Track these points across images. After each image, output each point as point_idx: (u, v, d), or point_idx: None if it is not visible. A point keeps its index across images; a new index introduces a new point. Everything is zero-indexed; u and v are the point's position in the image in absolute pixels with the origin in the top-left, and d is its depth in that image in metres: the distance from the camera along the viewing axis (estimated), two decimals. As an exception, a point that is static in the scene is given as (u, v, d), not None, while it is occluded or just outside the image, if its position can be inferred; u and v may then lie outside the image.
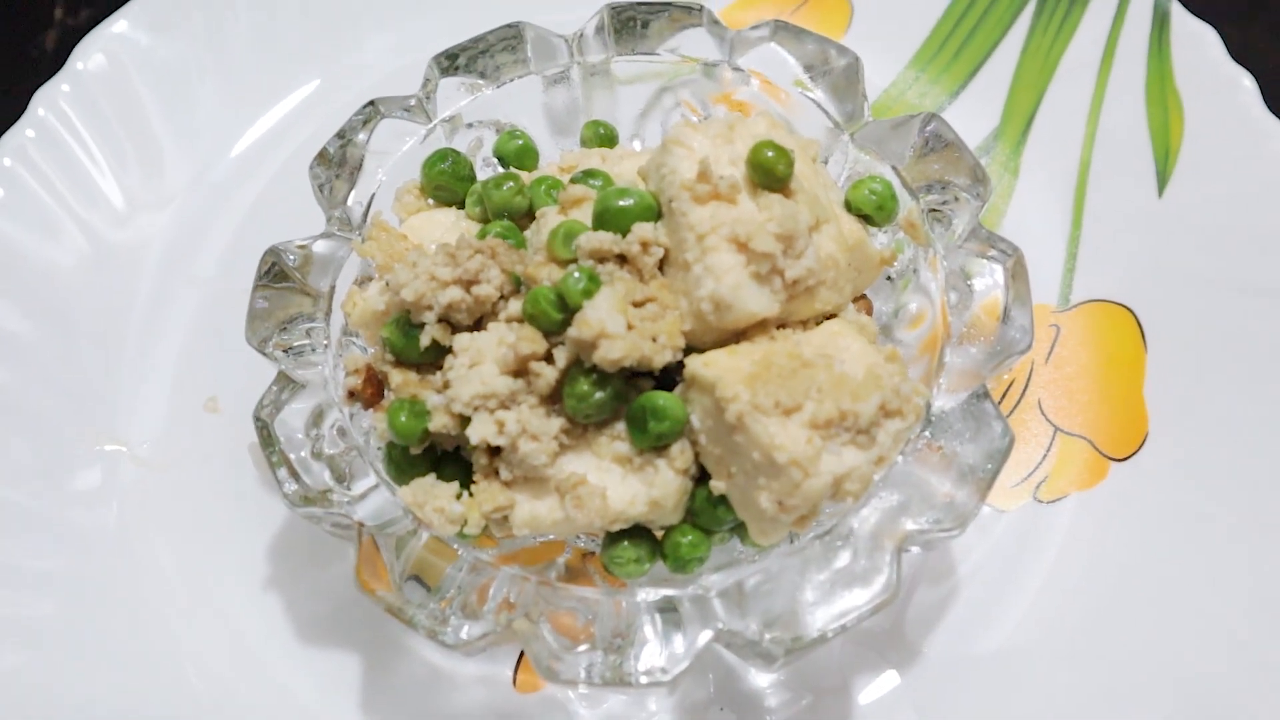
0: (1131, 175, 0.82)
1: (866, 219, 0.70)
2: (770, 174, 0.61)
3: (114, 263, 0.83)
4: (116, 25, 0.89)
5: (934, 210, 0.70)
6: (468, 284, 0.62)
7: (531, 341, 0.60)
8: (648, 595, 0.62)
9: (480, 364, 0.61)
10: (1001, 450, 0.61)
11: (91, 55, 0.87)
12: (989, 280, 0.68)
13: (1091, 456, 0.74)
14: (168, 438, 0.78)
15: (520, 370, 0.61)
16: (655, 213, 0.63)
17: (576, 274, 0.60)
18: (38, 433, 0.77)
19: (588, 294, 0.59)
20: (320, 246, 0.71)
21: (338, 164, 0.73)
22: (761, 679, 0.69)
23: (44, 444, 0.76)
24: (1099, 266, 0.80)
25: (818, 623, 0.59)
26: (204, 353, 0.81)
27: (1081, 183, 0.83)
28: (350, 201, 0.72)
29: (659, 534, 0.64)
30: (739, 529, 0.64)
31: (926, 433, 0.63)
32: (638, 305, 0.60)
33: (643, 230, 0.61)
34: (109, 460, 0.77)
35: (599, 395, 0.60)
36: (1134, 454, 0.74)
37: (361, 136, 0.74)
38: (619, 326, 0.58)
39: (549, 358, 0.61)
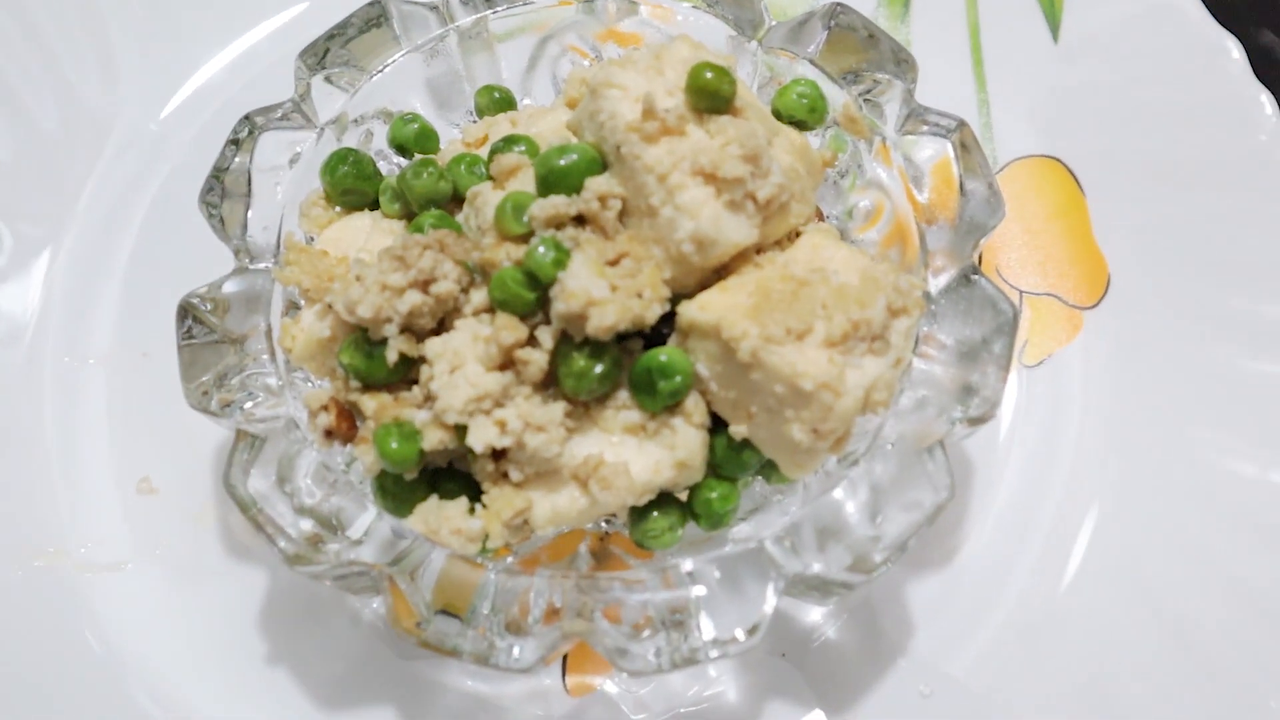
0: (1022, 27, 0.81)
1: (799, 124, 0.67)
2: (716, 96, 0.57)
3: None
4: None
5: (865, 99, 0.68)
6: (424, 285, 0.56)
7: (512, 329, 0.55)
8: (693, 562, 0.59)
9: (461, 366, 0.56)
10: (1009, 322, 0.60)
11: None
12: (934, 156, 0.66)
13: (1063, 311, 0.74)
14: (107, 534, 0.70)
15: (505, 363, 0.56)
16: (601, 165, 0.58)
17: (541, 247, 0.55)
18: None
19: (559, 264, 0.55)
20: (232, 285, 0.64)
21: (226, 193, 0.66)
22: (814, 615, 0.67)
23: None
24: (1014, 125, 0.80)
25: (881, 543, 0.57)
26: (122, 433, 0.73)
27: (975, 45, 0.82)
28: (251, 230, 0.66)
29: (682, 496, 0.61)
30: (764, 469, 0.61)
31: (925, 325, 0.61)
32: (612, 264, 0.56)
33: (597, 185, 0.56)
34: (46, 577, 0.68)
35: (599, 368, 0.56)
36: (1102, 299, 0.74)
37: (240, 159, 0.67)
38: (604, 291, 0.54)
39: (531, 341, 0.56)
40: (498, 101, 0.71)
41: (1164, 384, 0.71)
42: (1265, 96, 0.75)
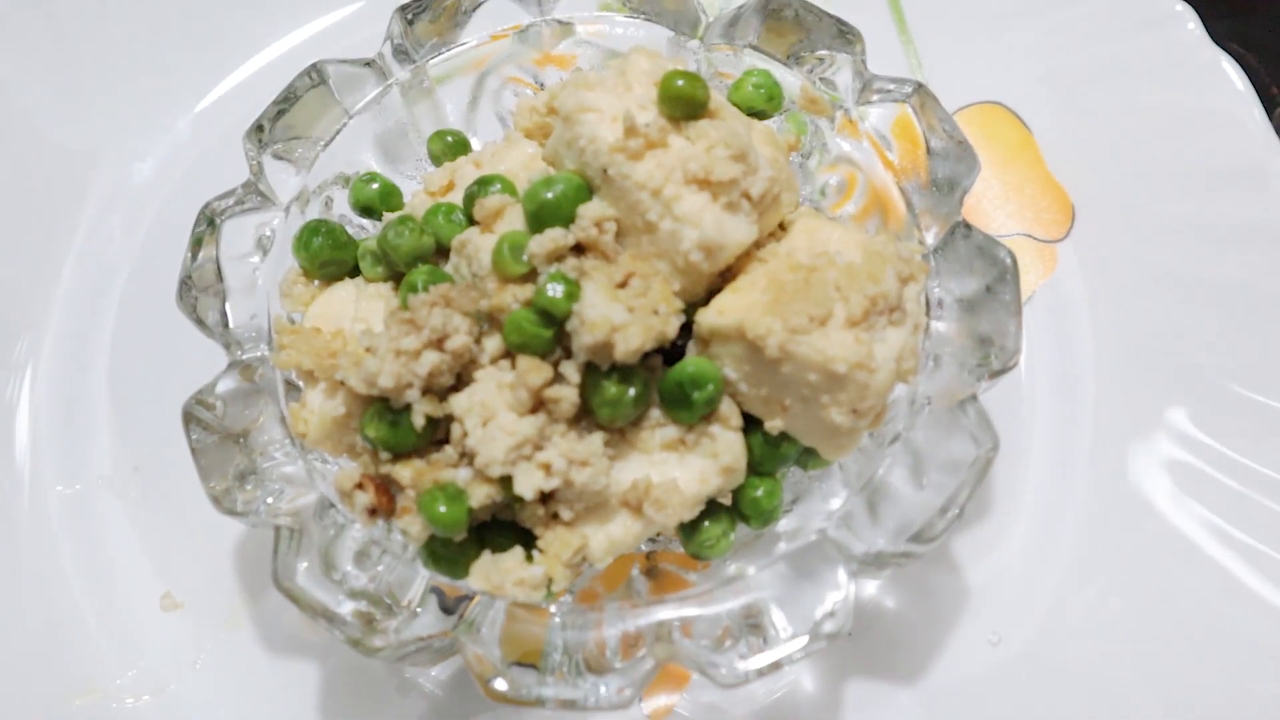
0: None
1: (757, 114, 0.67)
2: (691, 102, 0.57)
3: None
4: None
5: (815, 78, 0.68)
6: (438, 343, 0.55)
7: (536, 370, 0.55)
8: (757, 566, 0.58)
9: (493, 417, 0.55)
10: (1011, 268, 0.61)
11: None
12: (889, 117, 0.67)
13: (1036, 247, 0.76)
14: (141, 658, 0.68)
15: (535, 405, 0.55)
16: (588, 190, 0.58)
17: (550, 284, 0.54)
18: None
19: (572, 297, 0.54)
20: (228, 382, 0.62)
21: (200, 289, 0.64)
22: (869, 589, 0.67)
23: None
24: (948, 80, 0.81)
25: (937, 507, 0.57)
26: (132, 554, 0.71)
27: (897, 10, 0.83)
28: (235, 320, 0.64)
29: (726, 501, 0.61)
30: (800, 458, 0.61)
31: (932, 285, 0.62)
32: (621, 286, 0.56)
33: (590, 211, 0.56)
34: (91, 716, 0.65)
35: (632, 392, 0.55)
36: (1071, 230, 0.76)
37: (207, 250, 0.65)
38: (623, 314, 0.54)
39: (557, 379, 0.56)
40: (452, 146, 0.70)
41: (1145, 291, 0.73)
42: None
